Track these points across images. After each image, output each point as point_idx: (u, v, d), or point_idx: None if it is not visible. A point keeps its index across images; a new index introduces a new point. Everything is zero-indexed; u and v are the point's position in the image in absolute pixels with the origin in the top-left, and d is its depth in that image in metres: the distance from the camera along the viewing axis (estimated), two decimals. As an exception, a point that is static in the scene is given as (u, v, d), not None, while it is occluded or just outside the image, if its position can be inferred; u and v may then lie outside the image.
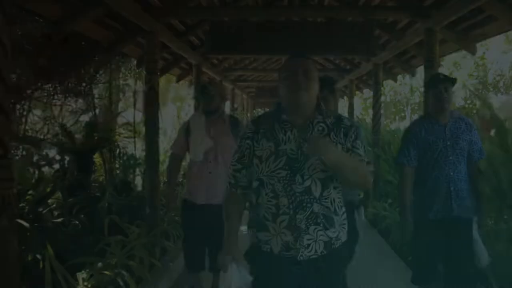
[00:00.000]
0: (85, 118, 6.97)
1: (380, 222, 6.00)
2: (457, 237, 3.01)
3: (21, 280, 2.55)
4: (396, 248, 5.21)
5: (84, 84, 6.09)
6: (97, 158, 6.63)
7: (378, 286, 4.16)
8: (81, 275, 3.23)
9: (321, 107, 1.96)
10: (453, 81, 3.05)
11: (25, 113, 6.14)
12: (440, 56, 6.19)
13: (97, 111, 6.73)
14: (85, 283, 3.15)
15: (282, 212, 1.84)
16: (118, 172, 6.63)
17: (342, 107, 15.83)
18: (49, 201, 4.41)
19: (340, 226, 1.92)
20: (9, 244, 2.17)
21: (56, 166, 6.05)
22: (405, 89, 19.77)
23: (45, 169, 6.01)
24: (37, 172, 5.71)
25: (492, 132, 4.70)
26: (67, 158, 6.04)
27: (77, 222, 4.03)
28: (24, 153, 6.09)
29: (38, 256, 3.19)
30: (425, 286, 3.20)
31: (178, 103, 16.79)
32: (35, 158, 6.07)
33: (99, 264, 3.48)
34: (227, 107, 14.78)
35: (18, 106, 5.66)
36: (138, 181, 7.39)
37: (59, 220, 3.82)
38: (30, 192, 4.32)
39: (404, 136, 3.20)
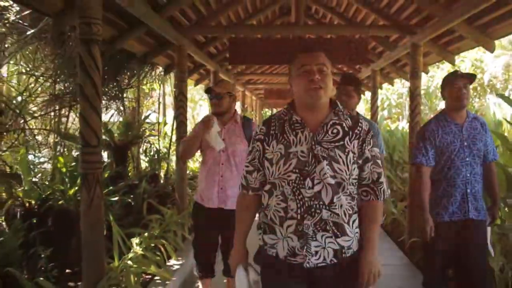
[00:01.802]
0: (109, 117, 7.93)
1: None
2: (471, 239, 2.94)
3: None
4: (390, 234, 6.06)
5: (116, 89, 7.04)
6: (126, 153, 7.59)
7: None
8: (134, 240, 4.15)
9: (337, 106, 1.86)
10: (472, 77, 2.93)
11: (66, 113, 7.12)
12: (426, 65, 7.12)
13: (127, 112, 7.68)
14: (138, 246, 4.07)
15: (289, 216, 1.77)
16: (146, 165, 7.58)
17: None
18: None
19: (354, 235, 1.83)
20: (101, 208, 3.10)
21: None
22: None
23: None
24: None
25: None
26: (104, 153, 7.00)
27: (129, 200, 4.97)
28: (65, 148, 7.07)
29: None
30: None
31: (191, 104, 17.79)
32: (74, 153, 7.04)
33: (146, 234, 4.40)
34: (237, 108, 15.71)
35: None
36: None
37: (115, 198, 4.76)
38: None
39: (421, 135, 3.05)
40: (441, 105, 16.34)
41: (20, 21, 3.69)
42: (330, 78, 1.80)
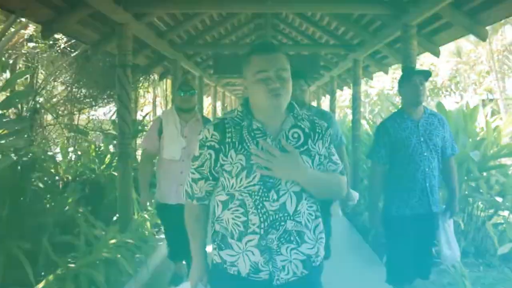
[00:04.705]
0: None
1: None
2: (431, 230, 3.04)
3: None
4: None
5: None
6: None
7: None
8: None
9: (293, 106, 1.71)
10: (427, 74, 2.99)
11: (76, 112, 8.64)
12: (372, 73, 8.91)
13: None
14: (149, 211, 5.67)
15: (251, 231, 1.61)
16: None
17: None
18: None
19: (317, 241, 1.69)
20: (131, 174, 4.70)
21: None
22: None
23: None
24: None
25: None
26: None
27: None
28: (75, 140, 8.59)
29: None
30: (399, 286, 3.10)
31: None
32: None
33: (153, 200, 5.98)
34: (218, 107, 17.31)
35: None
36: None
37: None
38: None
39: (376, 134, 3.10)
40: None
41: (68, 48, 5.25)
42: (290, 82, 1.65)
